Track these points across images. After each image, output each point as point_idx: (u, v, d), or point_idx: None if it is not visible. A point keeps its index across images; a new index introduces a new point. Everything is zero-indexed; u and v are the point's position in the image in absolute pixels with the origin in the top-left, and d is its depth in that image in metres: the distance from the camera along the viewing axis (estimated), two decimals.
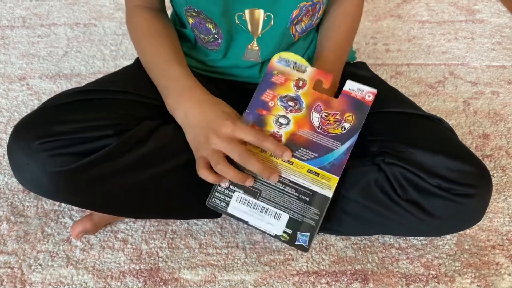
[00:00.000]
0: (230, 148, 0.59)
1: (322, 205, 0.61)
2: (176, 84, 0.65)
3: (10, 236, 0.74)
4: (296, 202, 0.61)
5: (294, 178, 0.61)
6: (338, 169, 0.60)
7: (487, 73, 1.09)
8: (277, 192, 0.61)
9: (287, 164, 0.61)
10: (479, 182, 0.63)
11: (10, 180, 0.83)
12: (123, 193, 0.64)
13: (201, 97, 0.64)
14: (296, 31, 0.70)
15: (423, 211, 0.63)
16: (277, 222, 0.61)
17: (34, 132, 0.59)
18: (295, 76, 0.63)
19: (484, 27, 1.25)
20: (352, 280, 0.68)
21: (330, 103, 0.62)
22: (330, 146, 0.61)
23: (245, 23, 0.67)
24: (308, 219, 0.61)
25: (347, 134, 0.61)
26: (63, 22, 1.27)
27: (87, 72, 1.10)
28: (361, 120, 0.61)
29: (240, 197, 0.62)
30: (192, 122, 0.62)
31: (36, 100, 1.01)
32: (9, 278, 0.68)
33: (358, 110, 0.61)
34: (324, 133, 0.61)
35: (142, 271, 0.69)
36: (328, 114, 0.61)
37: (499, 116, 0.97)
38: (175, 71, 0.66)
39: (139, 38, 0.71)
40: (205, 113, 0.61)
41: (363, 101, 0.61)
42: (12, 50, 1.16)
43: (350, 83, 0.62)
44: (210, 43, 0.71)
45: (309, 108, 0.62)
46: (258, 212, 0.61)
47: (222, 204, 0.62)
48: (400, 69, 1.11)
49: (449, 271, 0.69)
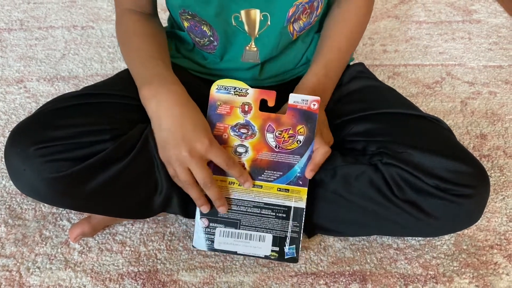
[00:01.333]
0: (197, 170, 0.59)
1: (299, 216, 0.64)
2: (157, 76, 0.63)
3: (8, 239, 0.74)
4: (275, 221, 0.64)
5: (267, 199, 0.64)
6: (304, 180, 0.64)
7: (484, 73, 1.09)
8: (255, 217, 0.65)
9: (257, 189, 0.64)
10: (477, 182, 0.63)
11: (8, 183, 0.83)
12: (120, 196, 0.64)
13: (182, 97, 0.61)
14: (294, 29, 0.69)
15: (421, 211, 0.63)
16: (263, 244, 0.65)
17: (31, 137, 0.59)
18: (239, 102, 0.63)
19: (481, 27, 1.26)
20: (350, 281, 0.68)
21: (280, 121, 0.63)
22: (292, 162, 0.63)
23: (242, 24, 0.66)
24: (290, 233, 0.64)
25: (304, 145, 0.63)
26: (61, 25, 1.27)
27: (85, 75, 1.10)
28: (313, 129, 0.63)
29: (223, 231, 0.65)
30: (165, 123, 0.59)
31: (34, 103, 1.01)
32: (7, 281, 0.68)
33: (307, 120, 0.63)
34: (282, 151, 0.63)
35: (141, 273, 0.69)
36: (281, 131, 0.63)
37: (496, 116, 0.97)
38: (159, 67, 0.64)
39: (125, 37, 0.69)
40: (182, 119, 0.59)
41: (310, 111, 0.62)
42: (9, 53, 1.16)
43: (293, 96, 0.63)
44: (206, 46, 0.71)
45: (262, 130, 0.63)
46: (243, 240, 0.65)
47: (207, 242, 0.66)
48: (397, 70, 1.11)
49: (447, 271, 0.69)
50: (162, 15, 0.95)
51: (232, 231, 0.65)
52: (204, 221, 0.65)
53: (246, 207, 0.65)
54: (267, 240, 0.65)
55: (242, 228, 0.65)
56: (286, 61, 0.74)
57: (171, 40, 0.77)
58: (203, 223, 0.65)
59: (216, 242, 0.65)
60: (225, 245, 0.65)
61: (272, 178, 0.64)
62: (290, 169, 0.64)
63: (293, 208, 0.64)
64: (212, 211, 0.65)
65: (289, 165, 0.64)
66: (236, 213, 0.65)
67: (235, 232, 0.65)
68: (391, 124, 0.68)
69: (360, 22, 0.74)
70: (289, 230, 0.64)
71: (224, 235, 0.65)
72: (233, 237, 0.65)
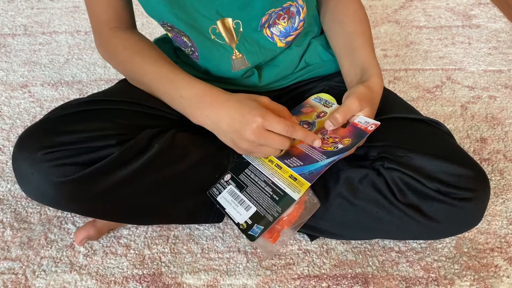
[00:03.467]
0: (268, 143, 0.61)
1: (286, 205, 0.64)
2: (190, 91, 0.64)
3: (14, 242, 0.75)
4: (267, 199, 0.65)
5: (276, 180, 0.65)
6: (313, 177, 0.64)
7: (484, 77, 1.10)
8: (258, 190, 0.66)
9: (277, 168, 0.66)
10: (477, 185, 0.63)
11: (13, 186, 0.84)
12: (127, 201, 0.65)
13: (221, 98, 0.63)
14: (273, 33, 0.69)
15: (423, 214, 0.64)
16: (244, 213, 0.66)
17: (38, 142, 0.60)
18: (320, 109, 0.70)
19: (481, 32, 1.27)
20: (352, 284, 0.69)
21: (337, 130, 0.66)
22: (317, 158, 0.64)
23: (220, 36, 0.67)
24: (269, 215, 0.64)
25: (337, 151, 0.64)
26: (64, 30, 1.28)
27: (89, 79, 1.10)
28: (355, 143, 0.64)
29: (231, 189, 0.67)
30: (223, 126, 0.62)
31: (38, 108, 1.02)
32: (13, 284, 0.69)
33: (357, 136, 0.64)
34: (317, 148, 0.65)
35: (145, 276, 0.70)
36: (330, 136, 0.66)
37: (496, 120, 0.98)
38: (184, 79, 0.65)
39: (129, 57, 0.68)
40: (231, 115, 0.61)
41: (364, 130, 0.64)
42: (14, 58, 1.17)
43: (360, 118, 0.65)
44: (191, 55, 0.72)
45: (318, 129, 0.67)
46: (236, 202, 0.66)
47: (216, 192, 0.69)
48: (398, 74, 1.12)
49: (448, 274, 0.70)
50: None
51: (235, 192, 0.67)
52: (227, 175, 0.69)
53: (258, 178, 0.66)
54: (250, 211, 0.65)
55: (243, 193, 0.66)
56: (283, 67, 0.75)
57: (170, 45, 0.78)
58: (226, 177, 0.69)
59: (221, 195, 0.68)
60: (223, 200, 0.67)
61: (293, 165, 0.65)
62: (311, 164, 0.64)
63: (287, 195, 0.64)
64: (238, 171, 0.68)
65: (313, 160, 0.64)
66: (250, 180, 0.67)
67: (236, 194, 0.67)
68: (392, 129, 0.68)
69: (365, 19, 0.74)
70: (270, 212, 0.64)
71: (229, 192, 0.67)
72: (233, 197, 0.67)
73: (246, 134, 0.60)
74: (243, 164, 0.69)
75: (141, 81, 0.68)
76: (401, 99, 0.76)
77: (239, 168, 0.69)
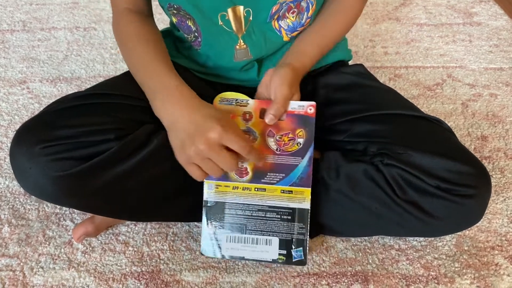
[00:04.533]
0: (219, 159, 0.58)
1: (304, 217, 0.65)
2: (164, 85, 0.63)
3: (11, 239, 0.74)
4: (280, 223, 0.65)
5: (271, 202, 0.65)
6: (307, 181, 0.65)
7: (485, 75, 1.10)
8: (260, 221, 0.65)
9: (261, 192, 0.65)
10: (479, 182, 0.63)
11: (11, 183, 0.83)
12: (125, 196, 0.65)
13: (190, 100, 0.62)
14: (281, 27, 0.69)
15: (423, 211, 0.63)
16: (270, 248, 0.65)
17: (36, 136, 0.60)
18: (241, 111, 0.66)
19: (482, 30, 1.26)
20: (352, 282, 0.68)
21: (279, 126, 0.65)
22: (293, 163, 0.65)
23: (229, 23, 0.67)
24: (297, 235, 0.64)
25: (304, 147, 0.65)
26: (63, 26, 1.27)
27: (87, 76, 1.10)
28: (312, 132, 0.65)
29: (229, 237, 0.66)
30: (180, 126, 0.60)
31: (37, 104, 1.01)
32: (11, 281, 0.68)
33: (305, 124, 0.65)
34: (283, 153, 0.65)
35: (144, 273, 0.70)
36: (281, 135, 0.65)
37: (497, 118, 0.98)
38: (163, 73, 0.64)
39: (126, 40, 0.69)
40: (193, 117, 0.59)
41: (306, 115, 0.65)
42: (12, 54, 1.16)
43: (291, 103, 0.65)
44: (193, 42, 0.72)
45: (263, 135, 0.66)
46: (250, 245, 0.65)
47: (215, 248, 0.66)
48: (398, 72, 1.11)
49: (448, 272, 0.70)
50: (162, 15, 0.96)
51: (238, 236, 0.66)
52: (211, 227, 0.66)
53: (251, 211, 0.65)
54: (273, 243, 0.65)
55: (248, 233, 0.65)
56: None
57: (171, 39, 0.77)
58: (210, 229, 0.66)
59: (224, 248, 0.66)
60: (233, 250, 0.66)
61: (275, 180, 0.65)
62: (292, 171, 0.65)
63: (297, 209, 0.65)
64: (218, 217, 0.66)
65: (291, 167, 0.65)
66: (242, 218, 0.66)
67: (242, 237, 0.66)
68: (392, 125, 0.68)
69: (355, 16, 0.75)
70: (295, 232, 0.65)
71: (231, 240, 0.66)
72: (240, 242, 0.66)
73: (199, 140, 0.57)
74: (216, 207, 0.66)
75: (129, 66, 0.68)
76: (401, 96, 0.76)
77: (215, 213, 0.66)
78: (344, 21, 0.73)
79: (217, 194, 0.66)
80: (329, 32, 0.72)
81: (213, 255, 0.67)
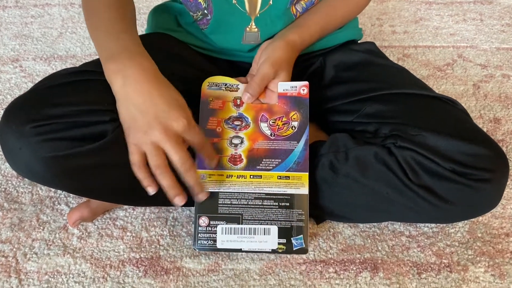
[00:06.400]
0: (173, 150, 0.53)
1: (303, 204, 0.62)
2: (126, 48, 0.57)
3: (3, 223, 0.71)
4: (278, 211, 0.62)
5: (268, 189, 0.62)
6: (304, 165, 0.62)
7: (497, 55, 1.06)
8: (257, 209, 0.62)
9: (257, 179, 0.63)
10: (496, 166, 0.60)
11: (3, 165, 0.80)
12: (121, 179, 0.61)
13: (153, 72, 0.56)
14: (297, 10, 0.67)
15: (436, 196, 0.60)
16: (268, 238, 0.62)
17: (26, 115, 0.56)
18: (231, 96, 0.65)
19: (493, 9, 1.22)
20: (361, 269, 0.66)
21: (273, 110, 0.64)
22: (289, 147, 0.63)
23: (243, 3, 0.63)
24: (296, 222, 0.62)
25: (299, 131, 0.63)
26: (58, 2, 1.23)
27: (83, 54, 1.06)
28: (306, 114, 0.63)
29: (225, 228, 0.62)
30: (134, 100, 0.54)
31: (30, 83, 0.97)
32: (3, 268, 0.66)
33: (299, 106, 0.64)
34: (278, 138, 0.63)
35: (143, 260, 0.67)
36: (275, 120, 0.64)
37: (510, 99, 0.94)
38: (126, 40, 0.58)
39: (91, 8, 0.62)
40: (154, 97, 0.54)
41: (300, 96, 0.63)
42: (4, 31, 1.12)
43: (282, 84, 0.64)
44: (199, 21, 0.68)
45: (256, 121, 0.64)
46: (247, 235, 0.62)
47: (209, 242, 0.62)
48: (407, 51, 1.07)
49: (461, 260, 0.67)
50: None
51: (234, 227, 0.62)
52: (204, 219, 0.62)
53: (247, 200, 0.62)
54: (272, 232, 0.62)
55: (245, 223, 0.62)
56: None
57: (171, 13, 0.74)
58: (203, 222, 0.62)
59: (219, 241, 0.62)
60: (229, 243, 0.62)
61: (271, 166, 0.63)
62: (288, 155, 0.63)
63: (295, 195, 0.62)
64: (211, 208, 0.62)
65: (286, 151, 0.63)
66: (237, 207, 0.62)
67: (238, 228, 0.62)
68: (404, 105, 0.65)
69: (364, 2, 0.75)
70: (294, 219, 0.62)
71: (226, 232, 0.62)
72: (236, 233, 0.62)
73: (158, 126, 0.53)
74: (208, 198, 0.61)
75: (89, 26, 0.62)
76: (414, 76, 0.73)
77: (208, 204, 0.62)
78: (352, 3, 0.72)
79: (210, 184, 0.62)
80: (335, 12, 0.71)
81: (207, 249, 0.63)
